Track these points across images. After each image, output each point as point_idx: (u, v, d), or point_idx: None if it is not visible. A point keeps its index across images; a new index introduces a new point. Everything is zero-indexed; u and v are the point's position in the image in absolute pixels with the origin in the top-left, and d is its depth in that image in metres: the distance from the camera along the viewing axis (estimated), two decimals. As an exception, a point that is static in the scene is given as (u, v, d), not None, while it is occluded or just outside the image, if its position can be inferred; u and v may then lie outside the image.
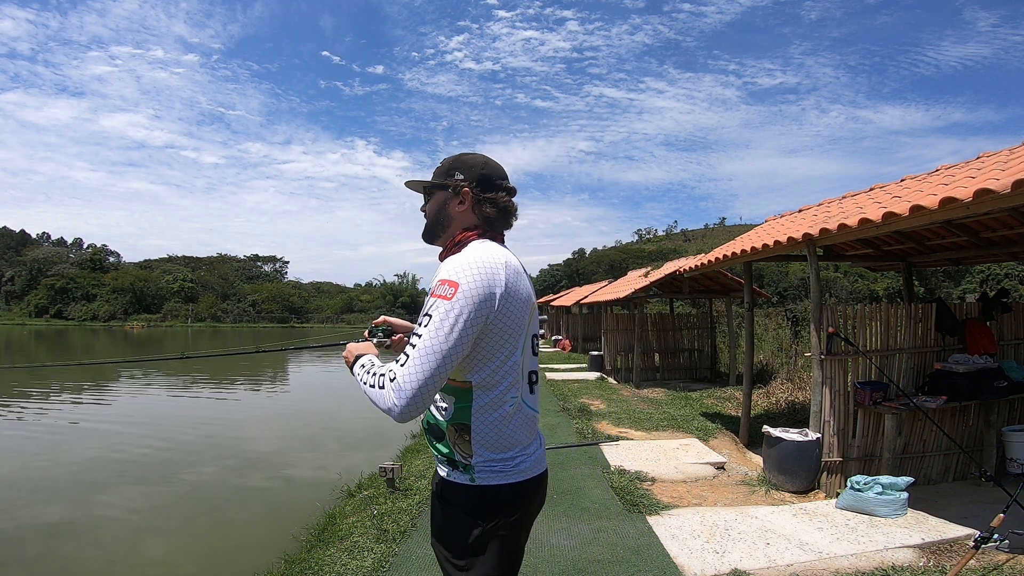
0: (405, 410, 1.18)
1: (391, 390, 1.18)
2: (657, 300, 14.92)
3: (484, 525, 1.30)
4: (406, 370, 1.18)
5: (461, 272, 1.24)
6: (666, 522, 3.68)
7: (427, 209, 1.49)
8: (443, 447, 1.36)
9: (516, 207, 1.49)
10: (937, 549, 3.19)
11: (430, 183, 1.47)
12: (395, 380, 1.18)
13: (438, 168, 1.49)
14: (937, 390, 4.32)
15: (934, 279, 31.83)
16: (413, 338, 1.22)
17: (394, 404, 1.18)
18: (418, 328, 1.23)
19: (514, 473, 1.34)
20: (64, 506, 5.52)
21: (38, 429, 9.15)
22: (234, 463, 7.10)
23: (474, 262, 1.27)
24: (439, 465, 1.42)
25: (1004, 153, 3.94)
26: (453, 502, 1.35)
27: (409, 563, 3.18)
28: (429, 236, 1.50)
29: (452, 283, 1.23)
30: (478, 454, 1.31)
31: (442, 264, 1.32)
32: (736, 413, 7.37)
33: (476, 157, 1.47)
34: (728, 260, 6.19)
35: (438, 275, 1.27)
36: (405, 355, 1.21)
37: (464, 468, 1.33)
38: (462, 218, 1.43)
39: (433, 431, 1.40)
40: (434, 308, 1.22)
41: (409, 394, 1.17)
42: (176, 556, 4.40)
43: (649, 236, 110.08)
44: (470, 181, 1.42)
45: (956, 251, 5.71)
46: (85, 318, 63.78)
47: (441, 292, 1.23)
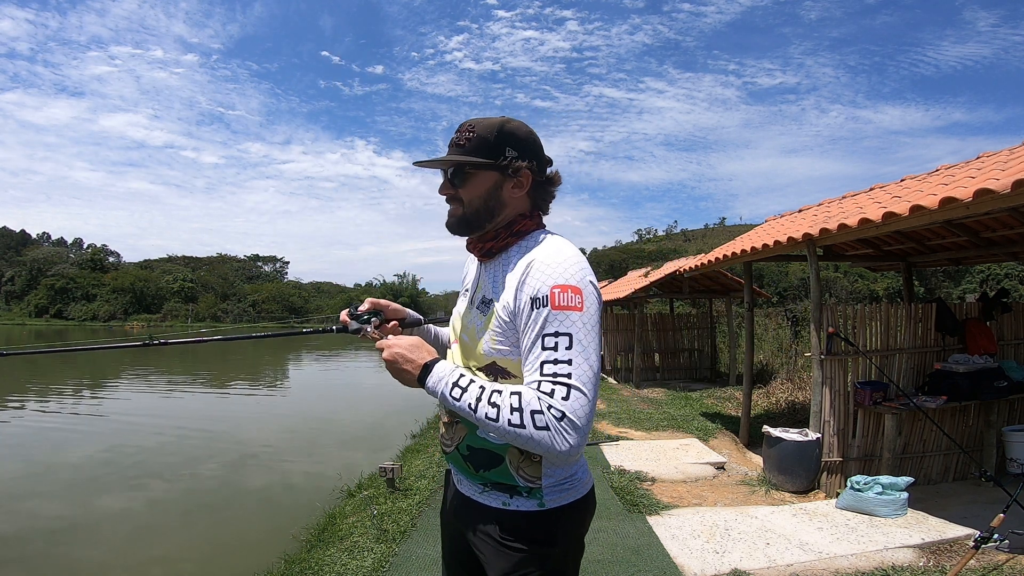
0: (580, 449, 1.02)
1: (563, 430, 1.00)
2: (657, 300, 14.91)
3: (560, 550, 1.17)
4: (575, 404, 1.01)
5: (575, 274, 1.08)
6: (666, 522, 3.68)
7: (466, 195, 1.21)
8: (494, 475, 1.18)
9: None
10: (937, 549, 3.19)
11: (475, 161, 1.17)
12: (565, 418, 1.00)
13: (474, 137, 1.18)
14: (937, 390, 4.32)
15: (934, 279, 31.82)
16: (556, 365, 1.02)
17: (571, 446, 1.00)
18: (550, 351, 1.03)
19: (580, 487, 1.20)
20: (64, 506, 5.52)
21: (38, 429, 9.15)
22: (234, 463, 7.10)
23: (577, 259, 1.11)
24: (482, 495, 1.21)
25: (1004, 153, 3.94)
26: (520, 534, 1.15)
27: (409, 563, 3.18)
28: (469, 226, 1.23)
29: (575, 289, 1.06)
30: (548, 475, 1.15)
31: (536, 265, 1.10)
32: (736, 413, 7.37)
33: (523, 127, 1.21)
34: (728, 260, 6.19)
35: (543, 279, 1.07)
36: (560, 384, 1.01)
37: (529, 493, 1.16)
38: (516, 204, 1.21)
39: (481, 458, 1.19)
40: (568, 323, 1.04)
41: (585, 430, 1.02)
42: (176, 556, 4.39)
43: (649, 236, 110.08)
44: (528, 159, 1.19)
45: (956, 251, 5.71)
46: (85, 318, 63.75)
47: (567, 302, 1.05)
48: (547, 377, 1.02)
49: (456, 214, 1.23)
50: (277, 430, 9.12)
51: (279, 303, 67.92)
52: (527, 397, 1.02)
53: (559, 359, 1.02)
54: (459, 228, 1.24)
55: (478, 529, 1.21)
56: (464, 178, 1.20)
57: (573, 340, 1.03)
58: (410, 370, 1.13)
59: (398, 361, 1.15)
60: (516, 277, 1.12)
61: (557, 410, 1.00)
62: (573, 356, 1.02)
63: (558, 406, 1.00)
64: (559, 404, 1.00)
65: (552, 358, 1.03)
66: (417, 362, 1.13)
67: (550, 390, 1.01)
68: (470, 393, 1.06)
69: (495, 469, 1.17)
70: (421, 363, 1.13)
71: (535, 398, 1.01)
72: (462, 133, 1.19)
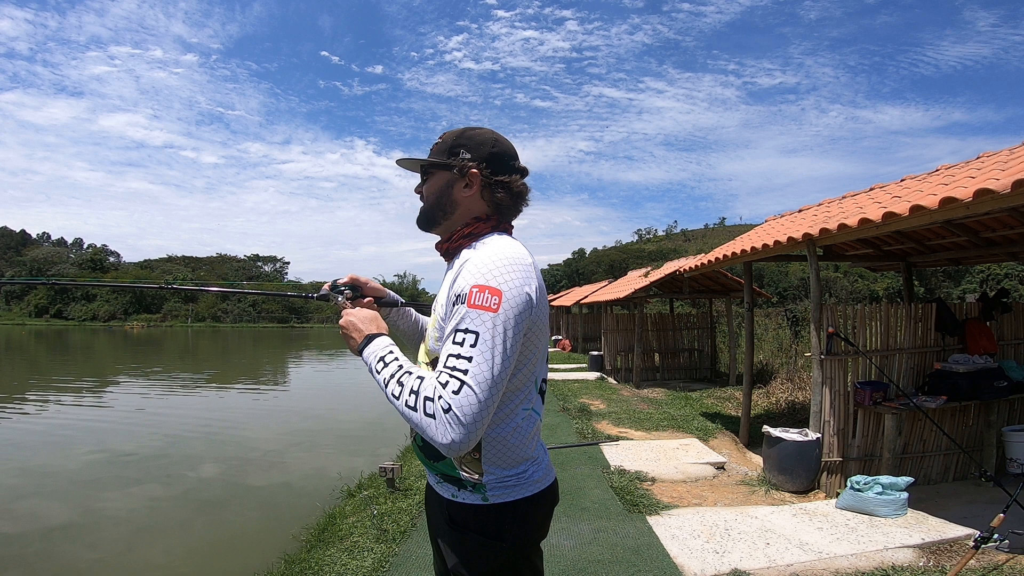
0: (464, 445, 1.02)
1: (447, 422, 1.01)
2: (657, 300, 14.92)
3: (507, 545, 1.18)
4: (464, 399, 1.02)
5: (500, 275, 1.09)
6: (666, 522, 3.68)
7: (425, 191, 1.30)
8: (443, 466, 1.22)
9: (528, 191, 1.31)
10: (937, 549, 3.19)
11: (429, 161, 1.28)
12: (451, 411, 1.01)
13: (438, 143, 1.29)
14: (937, 390, 4.32)
15: (934, 279, 31.81)
16: (458, 360, 1.04)
17: (452, 440, 1.01)
18: (456, 346, 1.06)
19: (529, 485, 1.22)
20: (64, 506, 5.52)
21: (38, 428, 9.14)
22: (234, 463, 7.09)
23: (509, 262, 1.11)
24: (438, 485, 1.26)
25: (1004, 153, 3.94)
26: (467, 525, 1.20)
27: (409, 563, 3.18)
28: (427, 223, 1.32)
29: (494, 290, 1.07)
30: (489, 472, 1.18)
31: (467, 264, 1.13)
32: (736, 413, 7.37)
33: (484, 132, 1.28)
34: (728, 260, 6.19)
35: (468, 278, 1.10)
36: (455, 378, 1.03)
37: (474, 487, 1.19)
38: (469, 204, 1.26)
39: (429, 449, 1.22)
40: (479, 322, 1.05)
41: (470, 428, 1.02)
42: (175, 556, 4.39)
43: (649, 236, 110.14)
44: (479, 161, 1.24)
45: (956, 251, 5.71)
46: (85, 318, 63.81)
47: (482, 302, 1.06)
48: (447, 369, 1.05)
49: (420, 210, 1.33)
50: (277, 430, 9.12)
51: (279, 303, 67.92)
52: (426, 384, 1.07)
53: (461, 355, 1.05)
54: (420, 222, 1.33)
55: (437, 518, 1.28)
56: (426, 178, 1.31)
57: (479, 339, 1.05)
58: (355, 338, 1.23)
59: (349, 328, 1.25)
60: (452, 276, 1.18)
61: (445, 401, 1.02)
62: (475, 354, 1.04)
63: (447, 398, 1.02)
64: (448, 396, 1.02)
65: (456, 352, 1.05)
66: (363, 332, 1.23)
67: (445, 381, 1.04)
68: (388, 369, 1.13)
69: (443, 461, 1.21)
70: (366, 333, 1.22)
71: (432, 386, 1.05)
72: (436, 140, 1.31)
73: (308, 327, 62.10)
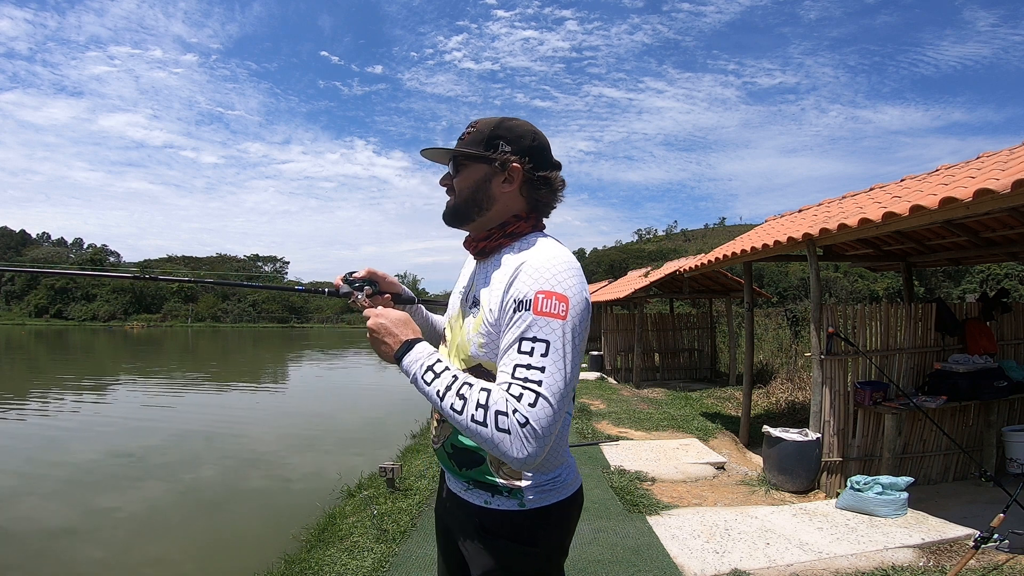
0: (538, 458, 0.98)
1: (523, 436, 0.96)
2: (657, 300, 14.91)
3: (542, 551, 1.16)
4: (540, 412, 0.97)
5: (563, 280, 1.05)
6: (666, 522, 3.68)
7: (457, 184, 1.22)
8: (475, 473, 1.18)
9: (565, 186, 1.25)
10: (937, 549, 3.19)
11: (466, 152, 1.18)
12: (527, 425, 0.96)
13: (473, 133, 1.20)
14: (937, 390, 4.32)
15: (934, 279, 31.81)
16: (529, 371, 0.99)
17: (529, 454, 0.96)
18: (525, 355, 1.00)
19: (562, 489, 1.19)
20: (64, 506, 5.52)
21: (38, 429, 9.15)
22: (234, 463, 7.09)
23: (568, 266, 1.08)
24: (466, 492, 1.21)
25: (1004, 153, 3.94)
26: (500, 533, 1.16)
27: (409, 563, 3.18)
28: (458, 218, 1.23)
29: (561, 296, 1.03)
30: (527, 477, 1.15)
31: (525, 268, 1.07)
32: (736, 413, 7.37)
33: (523, 124, 1.21)
34: (728, 260, 6.18)
35: (530, 283, 1.04)
36: (529, 390, 0.98)
37: (510, 492, 1.15)
38: (507, 200, 1.20)
39: (463, 457, 1.19)
40: (548, 331, 1.01)
41: (546, 440, 0.97)
42: (175, 556, 4.39)
43: (649, 236, 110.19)
44: (520, 155, 1.18)
45: (956, 251, 5.71)
46: (85, 318, 63.81)
47: (550, 308, 1.02)
48: (518, 380, 1.00)
49: (449, 204, 1.24)
50: (277, 430, 9.12)
51: (279, 303, 67.98)
52: (495, 396, 0.99)
53: (532, 365, 1.00)
54: (449, 218, 1.25)
55: (463, 526, 1.22)
56: (458, 169, 1.21)
57: (550, 348, 1.00)
58: (390, 343, 1.12)
59: (380, 332, 1.13)
60: (505, 279, 1.10)
61: (522, 415, 0.97)
62: (547, 364, 1.00)
63: (523, 411, 0.97)
64: (524, 410, 0.97)
65: (526, 362, 1.00)
66: (399, 337, 1.12)
67: (519, 394, 0.98)
68: (441, 380, 1.04)
69: (477, 468, 1.17)
70: (403, 339, 1.11)
71: (503, 399, 0.99)
72: (466, 129, 1.22)
73: (308, 327, 62.12)
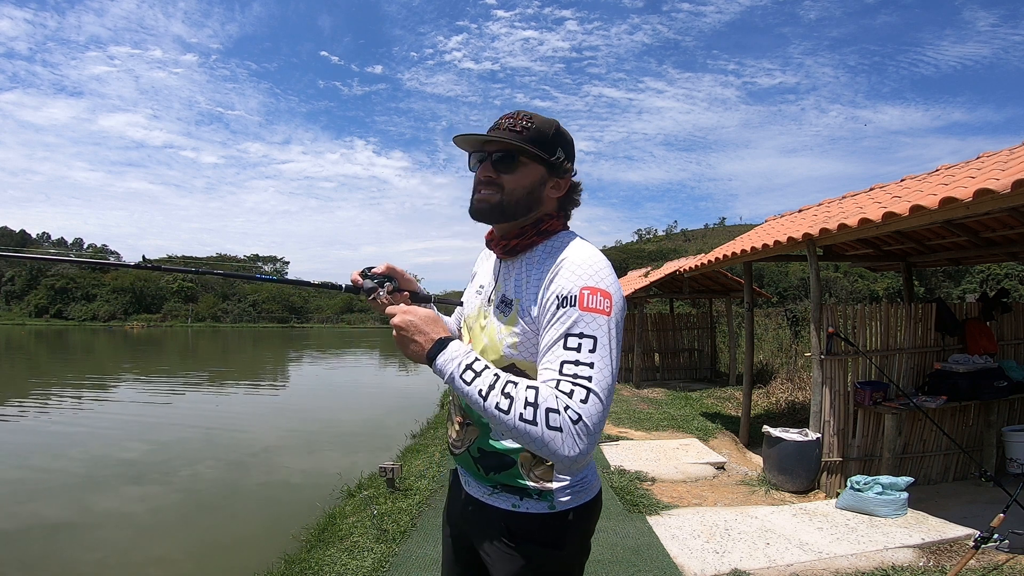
0: (588, 455, 0.96)
1: (575, 434, 0.93)
2: (657, 300, 14.90)
3: (568, 553, 1.17)
4: (592, 408, 0.95)
5: (605, 277, 1.05)
6: (666, 522, 3.68)
7: (510, 182, 1.15)
8: (507, 477, 1.16)
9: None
10: (937, 549, 3.20)
11: (534, 152, 1.13)
12: (580, 421, 0.93)
13: (531, 129, 1.14)
14: (937, 390, 4.32)
15: (934, 279, 31.80)
16: (578, 367, 0.98)
17: (580, 452, 0.93)
18: (572, 351, 0.99)
19: (588, 490, 1.19)
20: (63, 506, 5.52)
21: (38, 429, 9.15)
22: (234, 463, 7.10)
23: (606, 263, 1.08)
24: (491, 496, 1.19)
25: (1004, 153, 3.94)
26: (529, 536, 1.15)
27: (409, 563, 3.18)
28: (503, 215, 1.16)
29: (605, 293, 1.03)
30: (559, 478, 1.15)
31: (567, 265, 1.07)
32: (736, 413, 7.37)
33: (568, 133, 1.21)
34: (728, 260, 6.18)
35: (573, 280, 1.04)
36: (580, 386, 0.96)
37: (540, 495, 1.15)
38: (549, 204, 1.20)
39: (492, 461, 1.17)
40: (595, 326, 1.00)
41: (596, 437, 0.95)
42: (176, 556, 4.39)
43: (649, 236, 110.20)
44: (572, 164, 1.19)
45: (956, 251, 5.71)
46: (85, 318, 63.79)
47: (596, 304, 1.01)
48: (567, 377, 0.97)
49: (491, 200, 1.16)
50: (277, 430, 9.12)
51: (279, 303, 68.01)
52: (544, 393, 0.95)
53: (581, 361, 0.98)
54: (491, 215, 1.17)
55: (485, 531, 1.19)
56: (513, 165, 1.14)
57: (597, 344, 0.99)
58: (421, 342, 1.05)
59: (410, 330, 1.06)
60: (544, 276, 1.09)
61: (574, 412, 0.94)
62: (595, 360, 0.98)
63: (576, 408, 0.94)
64: (577, 406, 0.94)
65: (574, 359, 0.98)
66: (430, 335, 1.05)
67: (569, 390, 0.96)
68: (483, 379, 0.98)
69: (506, 472, 1.16)
70: (435, 337, 1.05)
71: (553, 396, 0.95)
72: (517, 120, 1.15)
73: (308, 327, 62.13)
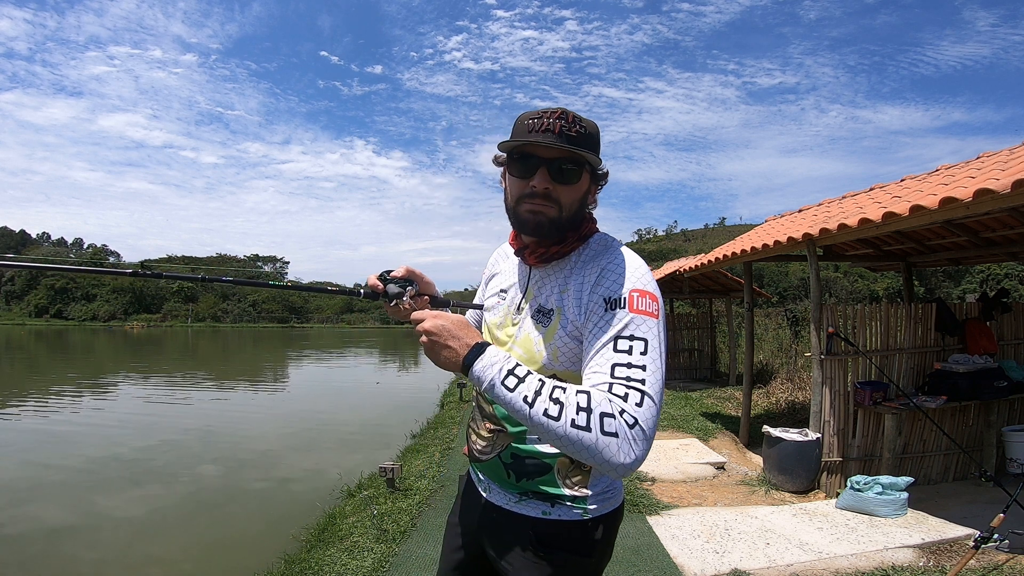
0: (643, 461, 0.91)
1: (631, 439, 0.88)
2: (657, 300, 14.90)
3: (595, 560, 1.14)
4: (647, 412, 0.91)
5: (650, 280, 1.04)
6: (666, 522, 3.68)
7: (567, 196, 1.08)
8: (540, 484, 1.13)
9: None
10: (937, 549, 3.20)
11: (590, 160, 1.07)
12: (636, 425, 0.89)
13: (584, 132, 1.06)
14: (937, 390, 4.32)
15: (934, 279, 31.79)
16: (630, 370, 0.94)
17: (636, 458, 0.88)
18: (623, 354, 0.96)
19: (617, 495, 1.17)
20: (63, 506, 5.52)
21: (38, 428, 9.14)
22: (233, 463, 7.09)
23: (647, 267, 1.07)
24: (519, 504, 1.16)
25: (1004, 153, 3.94)
26: (559, 544, 1.12)
27: (409, 563, 3.18)
28: (560, 231, 1.10)
29: (652, 296, 1.02)
30: (594, 484, 1.13)
31: (612, 267, 1.05)
32: (736, 413, 7.37)
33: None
34: (728, 260, 6.18)
35: (621, 282, 1.02)
36: (635, 389, 0.92)
37: (573, 502, 1.12)
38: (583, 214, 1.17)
39: (526, 467, 1.14)
40: (645, 329, 0.98)
41: (651, 441, 0.91)
42: (175, 556, 4.39)
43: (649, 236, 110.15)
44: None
45: (956, 251, 5.71)
46: (85, 318, 63.81)
47: (645, 307, 1.00)
48: (620, 380, 0.93)
49: (550, 214, 1.08)
50: (277, 430, 9.12)
51: (279, 303, 68.01)
52: (597, 398, 0.90)
53: (633, 363, 0.94)
54: (550, 231, 1.09)
55: (509, 540, 1.16)
56: (570, 176, 1.07)
57: (648, 346, 0.96)
58: (456, 348, 0.97)
59: (442, 336, 0.98)
60: (587, 281, 1.06)
61: (630, 416, 0.89)
62: (647, 363, 0.95)
63: (632, 412, 0.90)
64: (632, 410, 0.90)
65: (626, 361, 0.95)
66: (465, 340, 0.98)
67: (623, 394, 0.91)
68: (528, 384, 0.92)
69: (540, 478, 1.13)
70: (470, 343, 0.98)
71: (606, 400, 0.90)
72: (569, 123, 1.05)
73: (308, 327, 62.14)
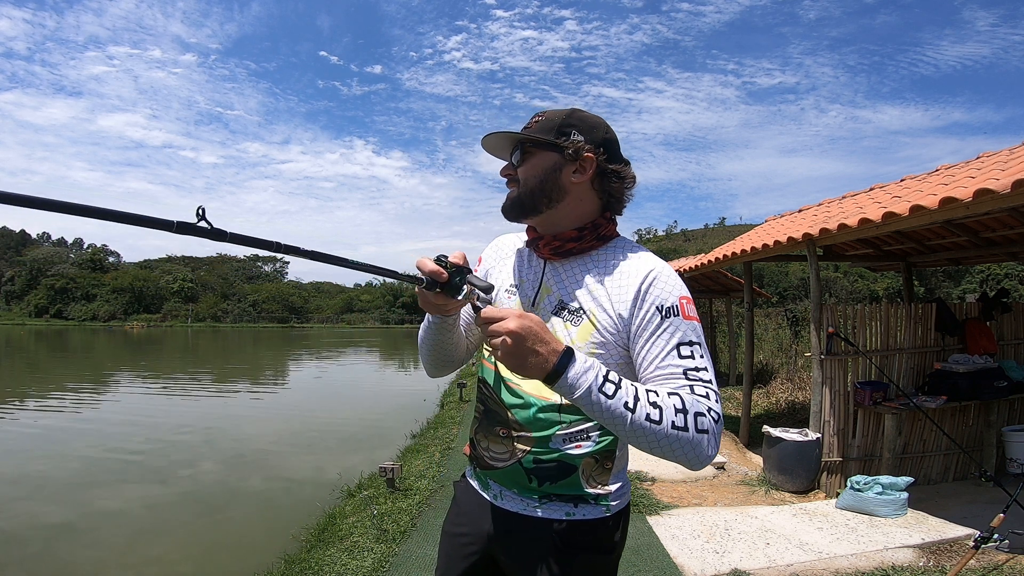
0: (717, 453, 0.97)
1: (716, 434, 0.94)
2: (657, 300, 14.91)
3: (615, 557, 1.17)
4: (720, 406, 0.98)
5: (684, 285, 1.08)
6: (666, 522, 3.68)
7: (522, 174, 1.12)
8: (563, 487, 1.13)
9: (636, 183, 1.17)
10: (937, 549, 3.20)
11: (535, 138, 1.09)
12: (719, 421, 0.96)
13: (539, 121, 1.12)
14: (937, 390, 4.32)
15: (934, 279, 31.79)
16: (699, 372, 0.99)
17: (717, 449, 0.95)
18: (688, 359, 1.00)
19: (630, 490, 1.21)
20: (63, 506, 5.52)
21: (37, 428, 9.14)
22: (233, 463, 7.09)
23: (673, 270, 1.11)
24: (541, 507, 1.14)
25: (1004, 153, 3.95)
26: (582, 544, 1.12)
27: (409, 563, 3.18)
28: (523, 210, 1.13)
29: (691, 301, 1.06)
30: (615, 480, 1.16)
31: (658, 275, 1.05)
32: (736, 413, 7.37)
33: (595, 116, 1.14)
34: (728, 260, 6.18)
35: (670, 290, 1.04)
36: (710, 389, 0.98)
37: (596, 500, 1.14)
38: (578, 192, 1.11)
39: (551, 470, 1.13)
40: (696, 334, 1.03)
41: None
42: (175, 556, 4.39)
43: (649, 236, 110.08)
44: (594, 145, 1.10)
45: (956, 251, 5.71)
46: (85, 318, 63.76)
47: (692, 313, 1.04)
48: (697, 382, 0.98)
49: (511, 196, 1.15)
50: (277, 430, 9.12)
51: (279, 303, 68.02)
52: (688, 399, 0.94)
53: (699, 366, 1.00)
54: (510, 210, 1.14)
55: (529, 547, 1.14)
56: (524, 157, 1.12)
57: (703, 348, 1.03)
58: (544, 353, 0.89)
59: (530, 338, 0.89)
60: (631, 286, 1.06)
61: (716, 412, 0.95)
62: (707, 364, 1.01)
63: (716, 409, 0.96)
64: (716, 407, 0.96)
65: (693, 365, 1.00)
66: (553, 345, 0.90)
67: (705, 393, 0.97)
68: (625, 390, 0.90)
69: (564, 480, 1.13)
70: (560, 348, 0.91)
71: (694, 400, 0.94)
72: (533, 118, 1.15)
73: (308, 327, 62.15)
